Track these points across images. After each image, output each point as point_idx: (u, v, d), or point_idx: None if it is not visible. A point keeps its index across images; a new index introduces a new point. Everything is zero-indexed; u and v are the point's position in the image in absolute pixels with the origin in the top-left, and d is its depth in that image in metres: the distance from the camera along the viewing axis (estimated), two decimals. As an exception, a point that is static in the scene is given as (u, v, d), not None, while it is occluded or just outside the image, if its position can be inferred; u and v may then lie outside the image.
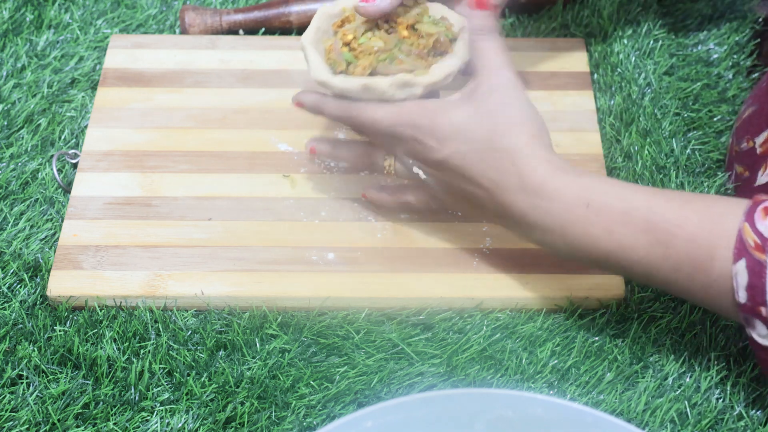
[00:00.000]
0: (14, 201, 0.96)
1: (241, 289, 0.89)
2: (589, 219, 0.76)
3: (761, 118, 0.94)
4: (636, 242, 0.75)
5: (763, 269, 0.71)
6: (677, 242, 0.74)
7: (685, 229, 0.74)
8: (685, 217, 0.75)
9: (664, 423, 0.82)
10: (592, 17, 1.11)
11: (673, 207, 0.75)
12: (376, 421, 0.72)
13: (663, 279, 0.76)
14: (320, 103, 0.85)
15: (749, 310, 0.73)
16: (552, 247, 0.80)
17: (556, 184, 0.77)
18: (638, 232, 0.75)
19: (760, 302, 0.72)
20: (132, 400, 0.82)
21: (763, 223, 0.72)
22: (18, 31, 1.10)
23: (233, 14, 1.11)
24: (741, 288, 0.73)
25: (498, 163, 0.78)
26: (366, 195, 0.92)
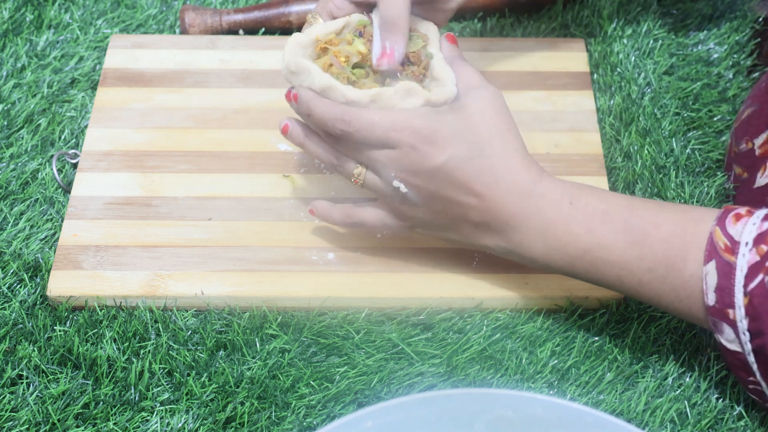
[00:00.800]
0: (14, 201, 0.96)
1: (241, 289, 0.89)
2: (571, 216, 0.79)
3: (760, 119, 0.94)
4: (614, 241, 0.78)
5: (732, 271, 0.73)
6: (653, 242, 0.77)
7: (660, 230, 0.77)
8: (662, 219, 0.78)
9: (664, 423, 0.82)
10: (592, 17, 1.11)
11: (651, 209, 0.79)
12: (376, 421, 0.72)
13: (636, 281, 0.78)
14: (311, 103, 0.82)
15: (717, 313, 0.74)
16: (529, 250, 0.81)
17: (544, 184, 0.81)
18: (617, 231, 0.78)
19: (728, 304, 0.74)
20: (132, 400, 0.82)
21: (733, 228, 0.74)
22: (18, 31, 1.10)
23: (233, 14, 1.11)
24: (710, 289, 0.74)
25: (491, 168, 0.80)
26: (314, 210, 0.89)
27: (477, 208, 0.81)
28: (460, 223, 0.82)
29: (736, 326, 0.74)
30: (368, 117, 0.81)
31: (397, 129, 0.80)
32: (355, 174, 0.84)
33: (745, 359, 0.75)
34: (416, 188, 0.81)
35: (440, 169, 0.80)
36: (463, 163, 0.80)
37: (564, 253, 0.80)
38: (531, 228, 0.80)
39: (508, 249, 0.82)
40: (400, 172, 0.81)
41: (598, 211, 0.79)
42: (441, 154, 0.80)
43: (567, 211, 0.79)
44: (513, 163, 0.80)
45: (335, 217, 0.88)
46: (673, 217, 0.77)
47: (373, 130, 0.81)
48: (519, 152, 0.81)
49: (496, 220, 0.81)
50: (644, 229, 0.77)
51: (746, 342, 0.74)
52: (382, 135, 0.80)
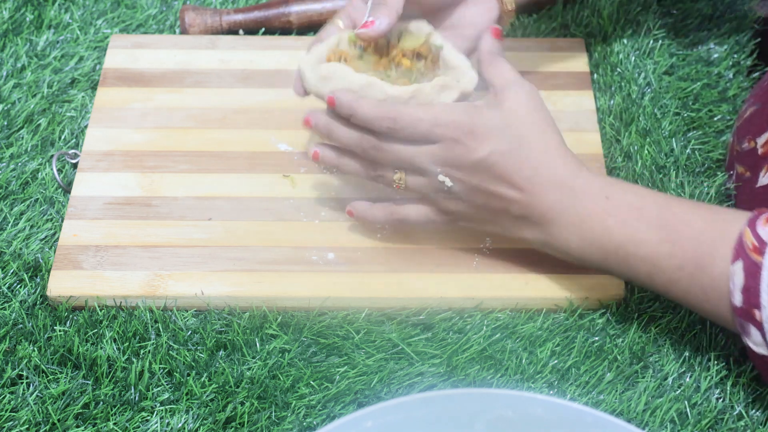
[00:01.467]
0: (14, 201, 0.96)
1: (241, 289, 0.89)
2: (607, 211, 0.80)
3: (763, 118, 0.94)
4: (647, 236, 0.79)
5: (759, 271, 0.73)
6: (684, 241, 0.77)
7: (692, 229, 0.78)
8: (695, 218, 0.78)
9: (664, 423, 0.82)
10: (592, 17, 1.11)
11: (684, 207, 0.79)
12: (376, 421, 0.72)
13: (666, 278, 0.79)
14: (354, 103, 0.83)
15: (744, 314, 0.74)
16: (566, 243, 0.82)
17: (583, 179, 0.82)
18: (650, 227, 0.79)
19: (755, 304, 0.73)
20: (132, 400, 0.82)
21: (763, 229, 0.74)
22: (18, 31, 1.10)
23: (233, 14, 1.11)
24: (737, 289, 0.74)
25: (530, 162, 0.81)
26: (353, 211, 0.90)
27: (518, 201, 0.82)
28: (501, 216, 0.84)
29: (762, 328, 0.73)
30: (413, 113, 0.82)
31: (440, 124, 0.81)
32: (396, 179, 0.85)
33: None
34: (460, 182, 0.83)
35: (482, 163, 0.81)
36: (504, 156, 0.81)
37: (598, 247, 0.81)
38: (568, 221, 0.81)
39: (545, 241, 0.83)
40: (444, 166, 0.83)
41: (633, 207, 0.80)
42: (483, 147, 0.81)
43: (603, 205, 0.80)
44: (552, 157, 0.82)
45: (378, 215, 0.89)
46: (705, 216, 0.78)
47: (417, 126, 0.82)
48: (558, 146, 0.83)
49: (536, 213, 0.82)
50: (676, 226, 0.78)
51: None
52: (426, 130, 0.82)
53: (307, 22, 1.11)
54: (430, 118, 0.82)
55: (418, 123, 0.82)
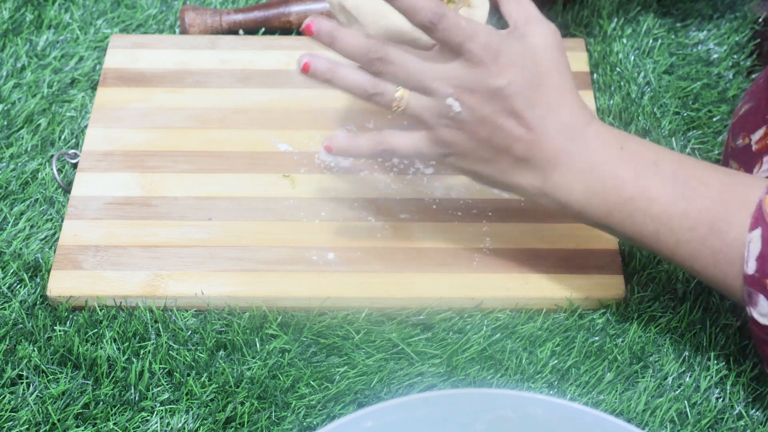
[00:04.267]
0: (14, 201, 0.96)
1: (241, 289, 0.89)
2: (621, 160, 0.77)
3: (758, 115, 0.94)
4: (660, 192, 0.76)
5: None
6: (700, 200, 0.75)
7: (710, 189, 0.75)
8: (713, 179, 0.76)
9: (663, 423, 0.82)
10: (592, 17, 1.11)
11: (702, 167, 0.77)
12: (376, 421, 0.72)
13: (674, 239, 0.76)
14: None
15: (755, 283, 0.73)
16: (567, 192, 0.79)
17: (596, 126, 0.79)
18: (665, 182, 0.76)
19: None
20: (132, 400, 0.83)
21: None
22: (18, 31, 1.10)
23: (233, 14, 1.11)
24: (752, 257, 0.72)
25: (546, 102, 0.78)
26: (332, 146, 0.83)
27: (524, 140, 0.78)
28: (500, 156, 0.80)
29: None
30: (457, 18, 0.78)
31: (474, 39, 0.77)
32: (397, 98, 0.80)
33: None
34: (470, 108, 0.78)
35: (499, 92, 0.78)
36: (522, 90, 0.78)
37: (604, 199, 0.77)
38: (575, 168, 0.78)
39: (542, 190, 0.79)
40: (458, 87, 0.78)
41: (649, 160, 0.77)
42: (504, 75, 0.77)
43: (616, 154, 0.77)
44: (568, 101, 0.79)
45: (362, 146, 0.83)
46: (723, 179, 0.76)
47: (457, 31, 0.77)
48: (572, 91, 0.80)
49: (540, 155, 0.78)
50: (693, 185, 0.75)
51: None
52: (461, 40, 0.77)
53: (307, 22, 1.11)
54: (470, 29, 0.77)
55: (458, 29, 0.77)
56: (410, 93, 0.80)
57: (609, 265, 0.90)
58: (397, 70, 0.79)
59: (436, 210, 0.94)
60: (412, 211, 0.94)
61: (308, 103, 1.02)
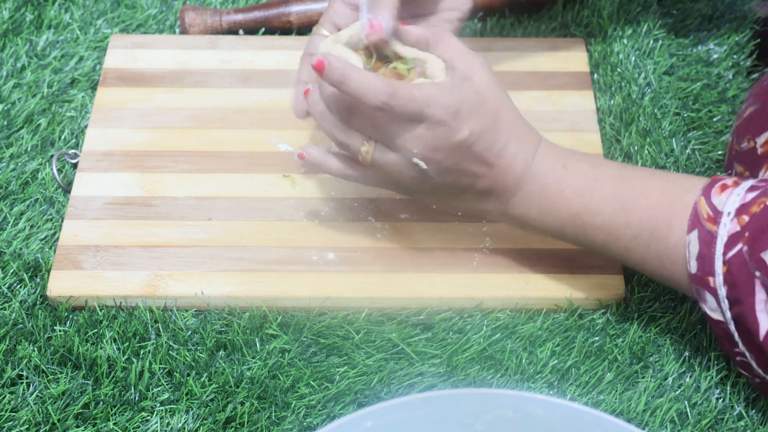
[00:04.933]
0: (14, 201, 0.96)
1: (241, 289, 0.89)
2: (564, 180, 0.81)
3: (762, 118, 0.94)
4: (602, 206, 0.80)
5: (713, 240, 0.75)
6: (639, 210, 0.79)
7: (648, 198, 0.79)
8: (651, 187, 0.80)
9: (664, 423, 0.82)
10: (592, 17, 1.11)
11: (640, 178, 0.81)
12: (376, 421, 0.72)
13: (622, 247, 0.81)
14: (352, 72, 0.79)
15: (699, 281, 0.77)
16: (525, 213, 0.83)
17: (543, 149, 0.83)
18: (605, 198, 0.80)
19: (709, 272, 0.76)
20: (132, 400, 0.82)
21: (718, 198, 0.76)
22: (18, 31, 1.10)
23: (233, 14, 1.11)
24: (692, 257, 0.77)
25: (502, 137, 0.82)
26: (305, 155, 0.85)
27: (485, 176, 0.82)
28: (465, 191, 0.84)
29: (716, 294, 0.76)
30: (409, 90, 0.79)
31: (431, 105, 0.79)
32: (363, 152, 0.82)
33: (728, 329, 0.77)
34: (435, 163, 0.81)
35: (462, 143, 0.81)
36: (481, 135, 0.81)
37: (555, 216, 0.82)
38: (528, 191, 0.82)
39: (505, 212, 0.84)
40: (423, 148, 0.81)
41: (589, 177, 0.81)
42: (465, 128, 0.80)
43: (560, 175, 0.82)
44: (518, 129, 0.82)
45: (332, 167, 0.86)
46: (661, 186, 0.80)
47: (412, 103, 0.79)
48: (520, 117, 0.83)
49: (500, 186, 0.82)
50: (632, 197, 0.80)
51: (726, 310, 0.76)
52: (418, 110, 0.79)
53: (307, 22, 1.11)
54: (424, 97, 0.79)
55: (412, 101, 0.79)
56: (375, 147, 0.82)
57: (609, 265, 0.90)
58: (365, 124, 0.82)
59: (436, 210, 0.94)
60: (412, 211, 0.94)
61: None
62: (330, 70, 0.79)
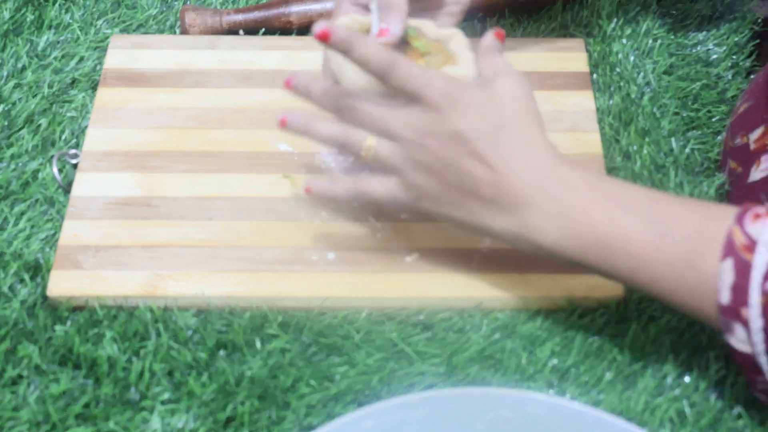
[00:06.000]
0: (14, 201, 0.96)
1: (242, 289, 0.89)
2: (592, 201, 0.77)
3: (756, 114, 0.94)
4: (636, 231, 0.76)
5: (749, 269, 0.72)
6: (674, 236, 0.75)
7: (684, 225, 0.75)
8: (686, 213, 0.76)
9: (663, 422, 0.82)
10: (592, 17, 1.11)
11: (674, 203, 0.77)
12: (376, 421, 0.72)
13: (648, 275, 0.77)
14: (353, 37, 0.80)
15: (730, 312, 0.73)
16: (540, 235, 0.79)
17: (565, 168, 0.79)
18: (639, 221, 0.76)
19: (742, 302, 0.73)
20: (132, 399, 0.83)
21: (752, 226, 0.73)
22: (18, 31, 1.10)
23: (233, 14, 1.11)
24: (725, 287, 0.73)
25: (511, 145, 0.79)
26: (311, 188, 0.86)
27: (489, 181, 0.79)
28: (469, 198, 0.81)
29: (748, 326, 0.73)
30: (410, 66, 0.80)
31: (430, 86, 0.79)
32: (366, 147, 0.82)
33: (755, 361, 0.74)
34: (433, 152, 0.80)
35: (460, 134, 0.79)
36: (483, 133, 0.79)
37: (578, 239, 0.78)
38: (545, 210, 0.78)
39: (515, 232, 0.80)
40: (419, 132, 0.80)
41: (621, 199, 0.77)
42: (463, 119, 0.79)
43: (587, 195, 0.78)
44: (533, 145, 0.80)
45: (338, 192, 0.86)
46: (695, 213, 0.76)
47: (409, 79, 0.79)
48: (539, 137, 0.80)
49: (508, 197, 0.79)
50: (666, 221, 0.76)
51: (759, 342, 0.73)
52: (416, 88, 0.79)
53: (307, 22, 1.11)
54: (424, 77, 0.80)
55: (410, 77, 0.79)
56: (377, 140, 0.82)
57: (609, 265, 0.90)
58: (363, 117, 0.82)
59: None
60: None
61: (308, 103, 1.02)
62: (336, 37, 0.80)
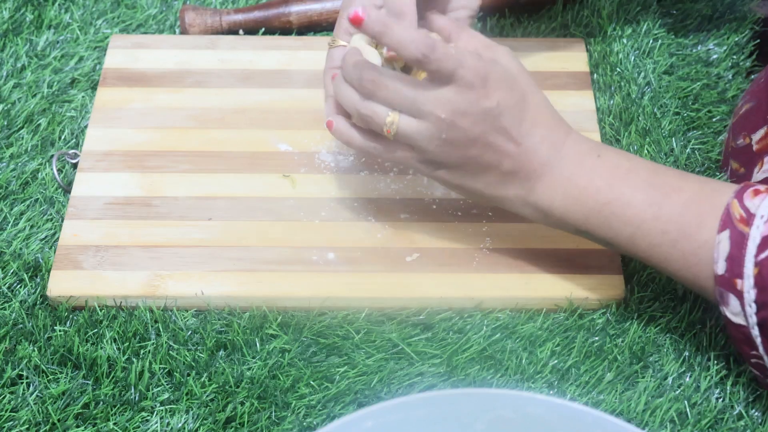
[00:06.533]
0: (14, 201, 0.96)
1: (241, 289, 0.89)
2: (596, 169, 0.81)
3: (758, 115, 0.94)
4: (634, 197, 0.79)
5: (745, 241, 0.74)
6: (671, 205, 0.78)
7: (681, 195, 0.78)
8: (684, 185, 0.79)
9: (663, 423, 0.82)
10: (592, 17, 1.11)
11: (673, 175, 0.80)
12: (376, 421, 0.72)
13: (647, 242, 0.79)
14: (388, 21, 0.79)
15: (725, 283, 0.75)
16: (549, 201, 0.81)
17: (574, 137, 0.83)
18: (638, 188, 0.79)
19: (737, 274, 0.75)
20: (132, 400, 0.83)
21: (751, 201, 0.76)
22: (18, 31, 1.10)
23: (233, 14, 1.11)
24: (721, 258, 0.75)
25: (530, 118, 0.81)
26: (333, 124, 0.85)
27: (512, 155, 0.81)
28: (489, 171, 0.82)
29: (742, 297, 0.75)
30: (445, 48, 0.79)
31: (464, 65, 0.79)
32: (388, 122, 0.81)
33: (749, 333, 0.76)
34: (463, 130, 0.80)
35: (490, 112, 0.80)
36: (509, 109, 0.80)
37: (582, 205, 0.81)
38: (556, 177, 0.81)
39: (526, 200, 0.82)
40: (452, 111, 0.80)
41: (623, 167, 0.80)
42: (494, 96, 0.80)
43: (593, 163, 0.81)
44: (547, 115, 0.82)
45: (356, 141, 0.85)
46: (695, 185, 0.79)
47: (447, 60, 0.79)
48: (550, 106, 0.83)
49: (526, 168, 0.81)
50: (665, 191, 0.79)
51: (752, 314, 0.75)
52: (452, 68, 0.79)
53: (307, 22, 1.11)
54: (459, 56, 0.79)
55: (448, 57, 0.79)
56: (400, 117, 0.81)
57: (609, 265, 0.90)
58: (389, 94, 0.81)
59: (436, 210, 0.94)
60: (412, 211, 0.94)
61: (308, 103, 1.02)
62: (370, 20, 0.79)
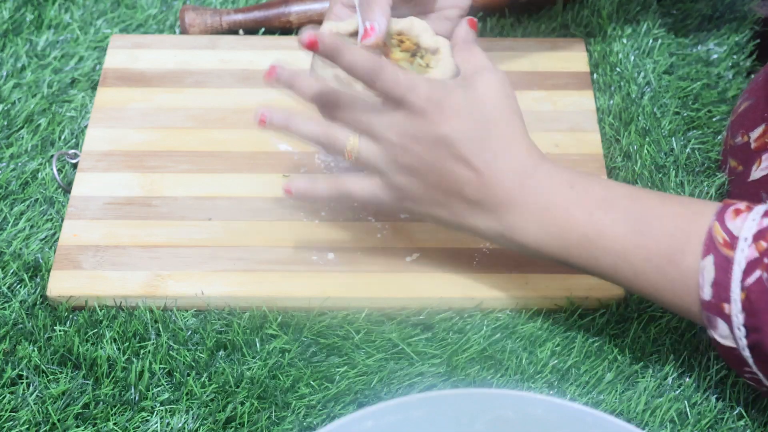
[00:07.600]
0: (14, 201, 0.96)
1: (241, 289, 0.89)
2: (572, 200, 0.79)
3: (756, 113, 0.94)
4: (614, 227, 0.77)
5: (730, 265, 0.73)
6: (654, 232, 0.77)
7: (663, 220, 0.77)
8: (665, 211, 0.77)
9: (663, 423, 0.82)
10: (592, 17, 1.11)
11: (653, 200, 0.78)
12: (376, 421, 0.72)
13: (632, 272, 0.78)
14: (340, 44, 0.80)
15: (712, 308, 0.74)
16: (523, 234, 0.80)
17: (546, 168, 0.80)
18: (617, 218, 0.78)
19: (724, 299, 0.73)
20: (132, 400, 0.83)
21: (732, 223, 0.74)
22: (18, 31, 1.10)
23: (233, 14, 1.11)
24: (707, 284, 0.74)
25: (494, 147, 0.80)
26: (291, 189, 0.85)
27: (473, 183, 0.80)
28: (453, 199, 0.81)
29: (731, 321, 0.74)
30: (395, 72, 0.80)
31: (414, 90, 0.79)
32: (349, 146, 0.82)
33: (740, 354, 0.75)
34: (417, 155, 0.80)
35: (444, 139, 0.79)
36: (467, 138, 0.80)
37: (560, 238, 0.79)
38: (528, 210, 0.79)
39: (499, 232, 0.81)
40: (402, 135, 0.80)
41: (600, 197, 0.79)
42: (448, 124, 0.79)
43: (567, 194, 0.79)
44: (515, 145, 0.81)
45: (320, 190, 0.85)
46: (675, 210, 0.77)
47: (395, 85, 0.79)
48: (522, 136, 0.81)
49: (492, 198, 0.80)
50: (646, 219, 0.77)
51: (741, 338, 0.74)
52: (401, 93, 0.79)
53: (307, 22, 1.11)
54: (408, 82, 0.79)
55: (396, 83, 0.79)
56: (361, 141, 0.82)
57: (609, 265, 0.90)
58: (348, 116, 0.82)
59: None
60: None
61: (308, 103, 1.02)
62: (324, 45, 0.80)
